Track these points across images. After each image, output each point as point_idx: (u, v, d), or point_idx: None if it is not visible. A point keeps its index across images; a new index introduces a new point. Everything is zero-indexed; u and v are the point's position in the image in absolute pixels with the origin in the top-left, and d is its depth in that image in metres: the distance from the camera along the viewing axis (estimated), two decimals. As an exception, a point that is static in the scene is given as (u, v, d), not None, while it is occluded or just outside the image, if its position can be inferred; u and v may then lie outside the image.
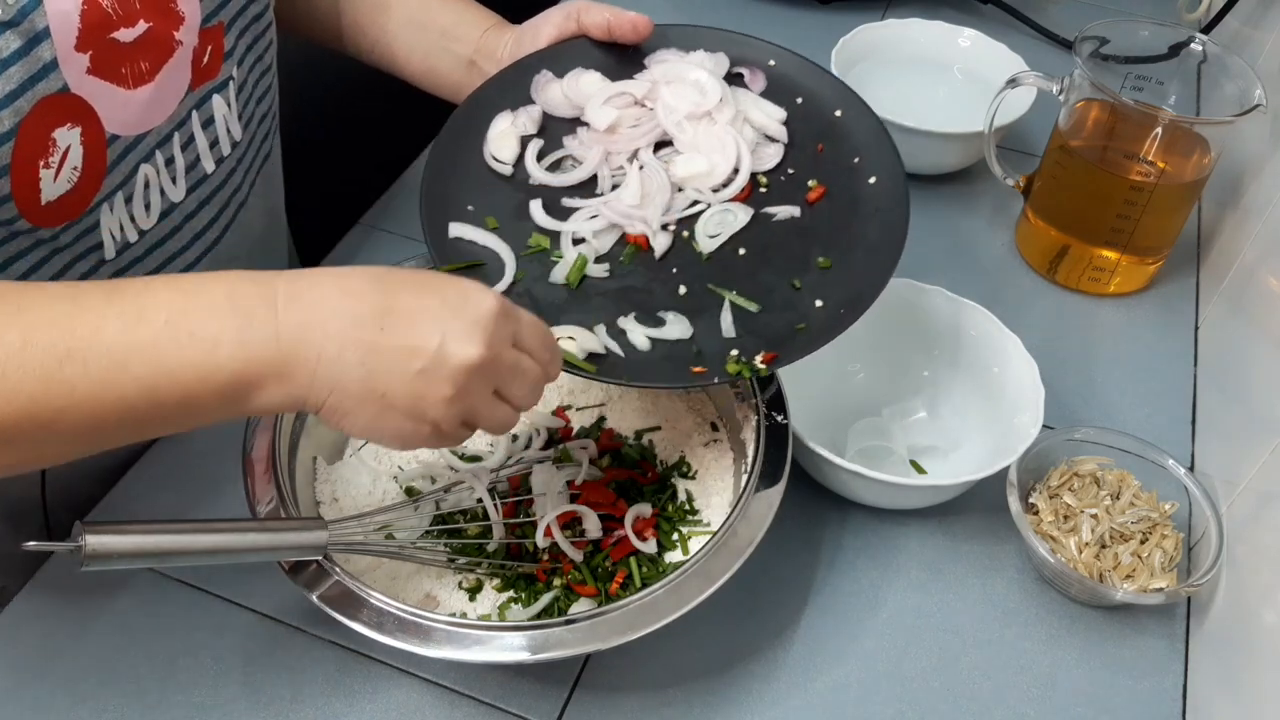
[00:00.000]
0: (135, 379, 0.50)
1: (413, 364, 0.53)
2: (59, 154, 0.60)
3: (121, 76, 0.62)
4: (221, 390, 0.51)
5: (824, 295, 0.70)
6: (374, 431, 0.55)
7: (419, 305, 0.53)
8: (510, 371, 0.56)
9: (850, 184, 0.75)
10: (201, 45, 0.67)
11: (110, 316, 0.50)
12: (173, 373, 0.50)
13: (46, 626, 0.69)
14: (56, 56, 0.57)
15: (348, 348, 0.52)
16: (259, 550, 0.60)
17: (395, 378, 0.53)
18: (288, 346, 0.51)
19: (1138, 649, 0.72)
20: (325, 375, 0.52)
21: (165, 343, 0.50)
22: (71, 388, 0.49)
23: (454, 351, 0.53)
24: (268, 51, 0.77)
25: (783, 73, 0.79)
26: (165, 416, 0.52)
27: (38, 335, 0.49)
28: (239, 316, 0.51)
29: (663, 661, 0.69)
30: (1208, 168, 0.89)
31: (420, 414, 0.54)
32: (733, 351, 0.67)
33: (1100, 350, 0.91)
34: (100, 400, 0.50)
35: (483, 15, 0.85)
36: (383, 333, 0.52)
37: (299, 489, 0.69)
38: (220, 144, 0.73)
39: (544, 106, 0.77)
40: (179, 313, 0.51)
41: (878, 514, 0.77)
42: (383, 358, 0.52)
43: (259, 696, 0.66)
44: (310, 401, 0.53)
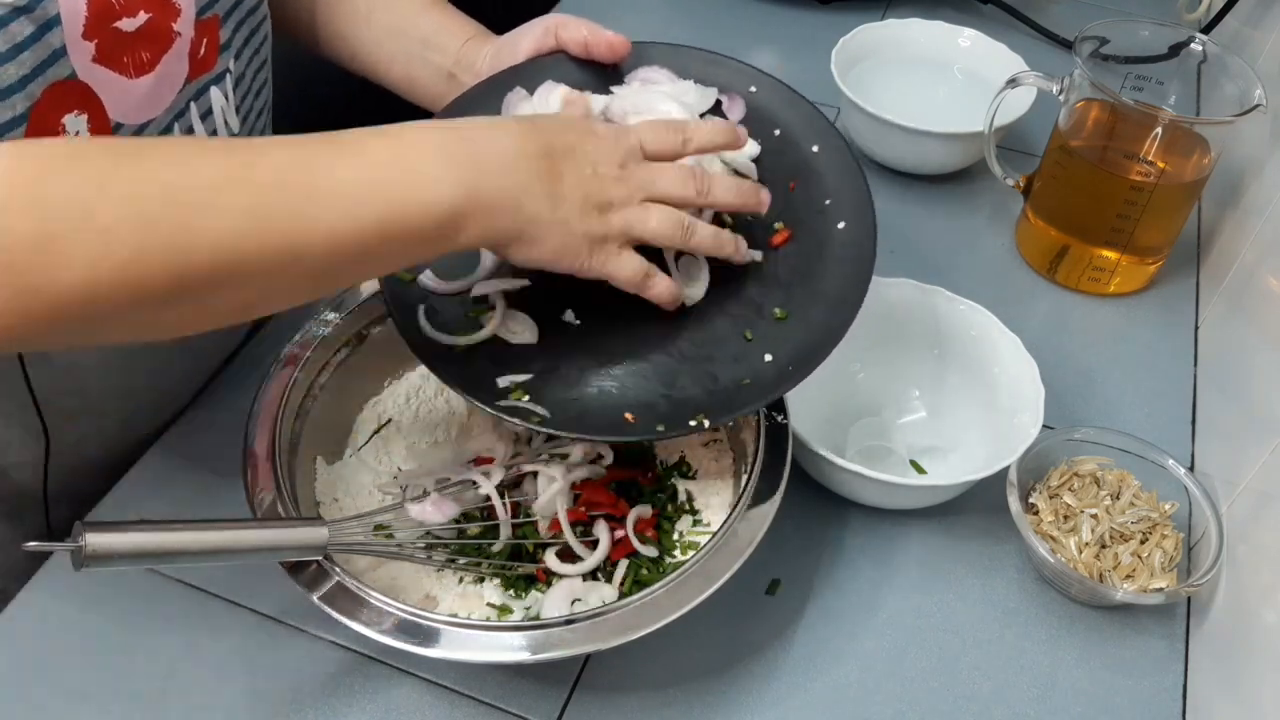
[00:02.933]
0: (375, 213, 0.55)
1: (578, 190, 0.62)
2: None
3: (124, 65, 0.62)
4: (441, 223, 0.57)
5: (775, 349, 0.67)
6: (558, 255, 0.62)
7: (563, 137, 0.63)
8: (648, 176, 0.64)
9: (818, 229, 0.71)
10: (198, 37, 0.68)
11: (341, 158, 0.56)
12: (403, 207, 0.56)
13: (46, 626, 0.69)
14: (65, 43, 0.58)
15: (533, 179, 0.60)
16: (259, 550, 0.60)
17: (570, 203, 0.61)
18: (486, 180, 0.58)
19: (1138, 649, 0.72)
20: (520, 207, 0.60)
21: (394, 180, 0.56)
22: (317, 221, 0.54)
23: (603, 167, 0.63)
24: (264, 45, 0.78)
25: (763, 101, 0.76)
26: (390, 250, 0.57)
27: (287, 176, 0.54)
28: (447, 156, 0.58)
29: (663, 661, 0.69)
30: (1208, 168, 0.89)
31: (593, 233, 0.62)
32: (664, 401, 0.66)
33: (1100, 350, 0.91)
34: (342, 234, 0.54)
35: (464, 26, 0.84)
36: (554, 160, 0.61)
37: (299, 489, 0.69)
38: (218, 136, 0.73)
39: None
40: (399, 155, 0.57)
41: (878, 514, 0.77)
42: (562, 182, 0.61)
43: (259, 696, 0.66)
44: (510, 231, 0.60)
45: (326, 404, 0.74)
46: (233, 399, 0.81)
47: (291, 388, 0.71)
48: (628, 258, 0.64)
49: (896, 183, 1.05)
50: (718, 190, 0.66)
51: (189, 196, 0.51)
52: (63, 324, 0.49)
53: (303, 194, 0.54)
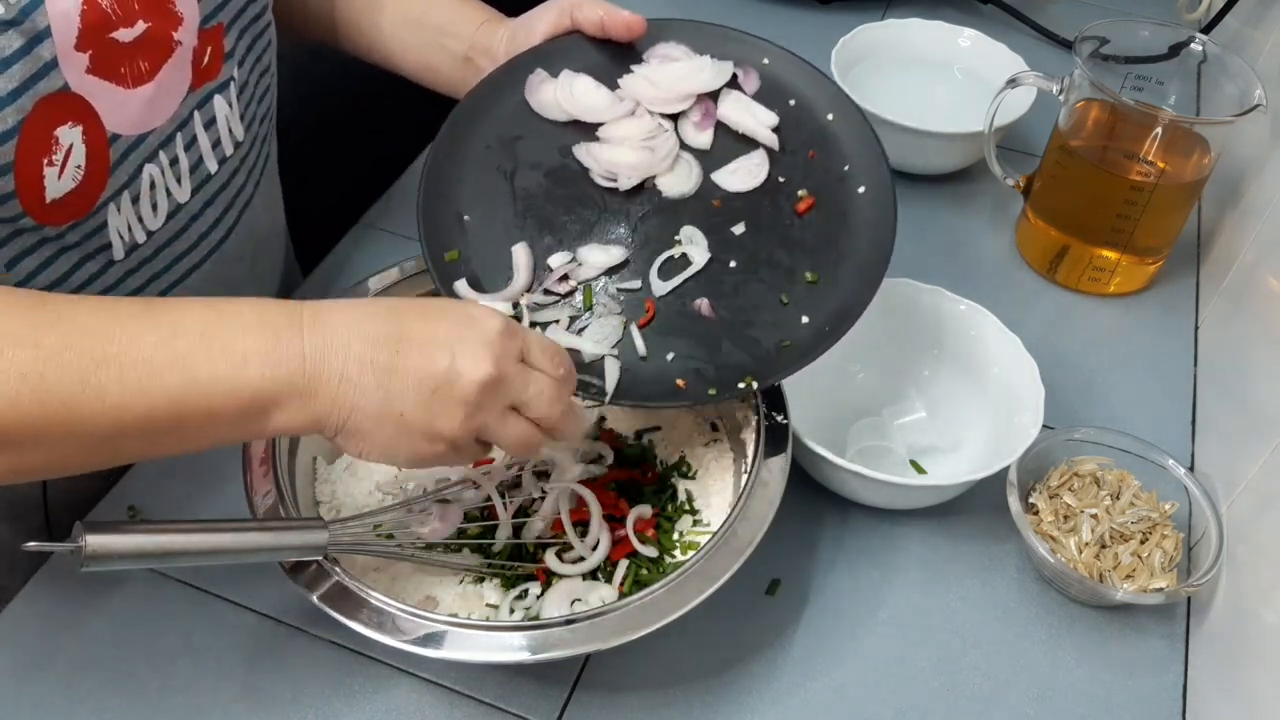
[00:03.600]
0: (165, 389, 0.51)
1: (426, 384, 0.55)
2: (62, 152, 0.60)
3: (121, 76, 0.62)
4: (246, 406, 0.53)
5: (810, 312, 0.71)
6: (391, 452, 0.57)
7: (429, 330, 0.56)
8: (521, 386, 0.58)
9: (839, 194, 0.74)
10: (201, 46, 0.67)
11: (147, 328, 0.52)
12: (203, 385, 0.52)
13: (46, 626, 0.69)
14: (57, 55, 0.58)
15: (366, 370, 0.54)
16: (259, 550, 0.60)
17: (411, 398, 0.55)
18: (311, 366, 0.54)
19: (1138, 649, 0.72)
20: (346, 395, 0.54)
21: (199, 356, 0.52)
22: (104, 393, 0.50)
23: (464, 370, 0.56)
24: (267, 52, 0.78)
25: (776, 72, 0.78)
26: (185, 431, 0.53)
27: (77, 340, 0.51)
28: (268, 336, 0.53)
29: (663, 661, 0.69)
30: (1208, 168, 0.89)
31: (436, 433, 0.56)
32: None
33: (1100, 350, 0.91)
34: (129, 408, 0.51)
35: (478, 10, 0.84)
36: (398, 355, 0.55)
37: (299, 489, 0.69)
38: (223, 144, 0.73)
39: (536, 108, 0.77)
40: (213, 329, 0.53)
41: (878, 514, 0.77)
42: (398, 379, 0.55)
43: (259, 697, 0.66)
44: (330, 422, 0.55)
45: (326, 404, 0.74)
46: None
47: (291, 388, 0.71)
48: (465, 453, 0.59)
49: (896, 183, 1.05)
50: (565, 426, 0.61)
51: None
52: None
53: (91, 361, 0.50)
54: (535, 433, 0.60)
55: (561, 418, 0.60)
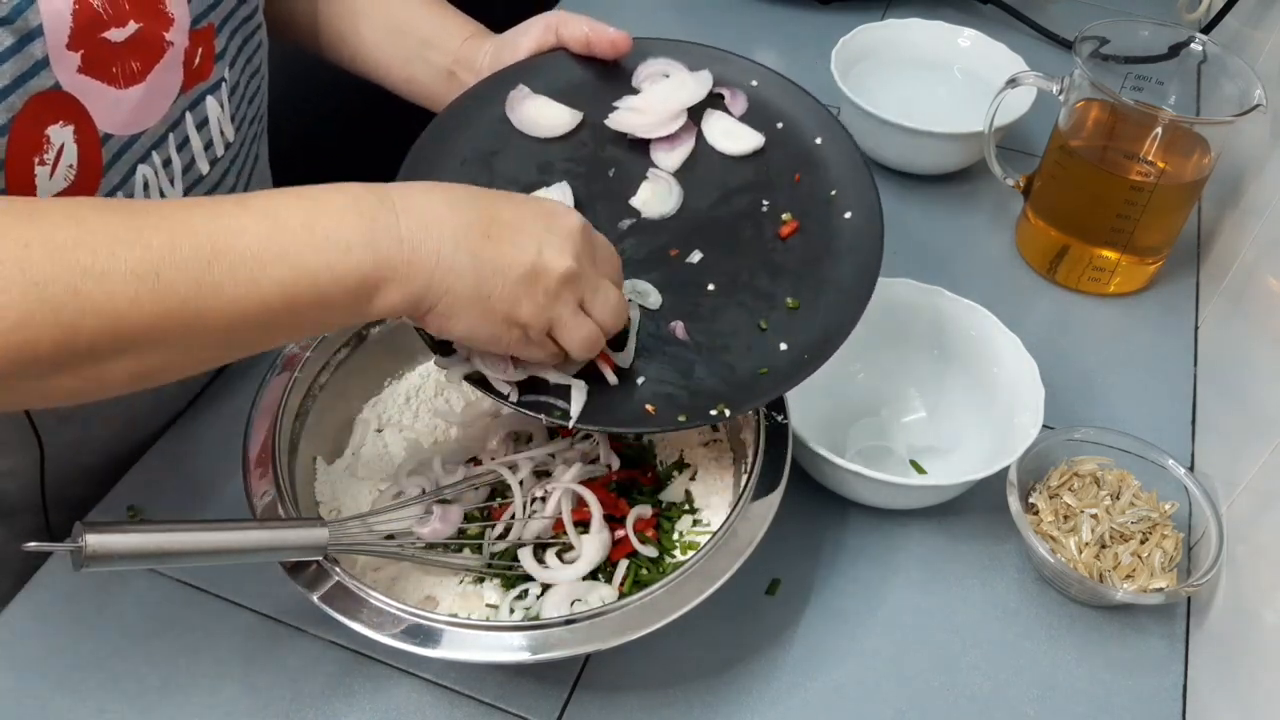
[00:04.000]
0: (276, 280, 0.53)
1: (515, 270, 0.58)
2: (54, 151, 0.60)
3: (112, 76, 0.62)
4: (352, 290, 0.55)
5: (789, 338, 0.68)
6: (473, 331, 0.59)
7: (516, 217, 0.59)
8: (592, 286, 0.61)
9: (825, 219, 0.72)
10: (193, 46, 0.67)
11: (249, 222, 0.53)
12: (311, 273, 0.53)
13: (46, 626, 0.69)
14: (48, 54, 0.58)
15: (461, 251, 0.56)
16: (259, 550, 0.60)
17: (499, 281, 0.57)
18: (409, 249, 0.55)
19: (1138, 649, 0.72)
20: (441, 276, 0.56)
21: (303, 245, 0.53)
22: (219, 287, 0.51)
23: (549, 260, 0.58)
24: (258, 53, 0.77)
25: (764, 95, 0.77)
26: (298, 318, 0.55)
27: (184, 239, 0.51)
28: (365, 220, 0.55)
29: (663, 661, 0.69)
30: (1208, 168, 0.89)
31: (515, 318, 0.59)
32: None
33: (1100, 350, 0.91)
34: (244, 300, 0.52)
35: (462, 24, 0.84)
36: (489, 240, 0.57)
37: (299, 489, 0.69)
38: (214, 145, 0.73)
39: (517, 124, 0.75)
40: (312, 218, 0.54)
41: (878, 514, 0.77)
42: (489, 262, 0.57)
43: (259, 697, 0.66)
44: (425, 301, 0.57)
45: (326, 404, 0.74)
46: (232, 399, 0.81)
47: (291, 388, 0.71)
48: (546, 349, 0.62)
49: (896, 183, 1.05)
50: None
51: (79, 258, 0.48)
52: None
53: (203, 258, 0.51)
54: (598, 333, 0.62)
55: (615, 325, 0.63)
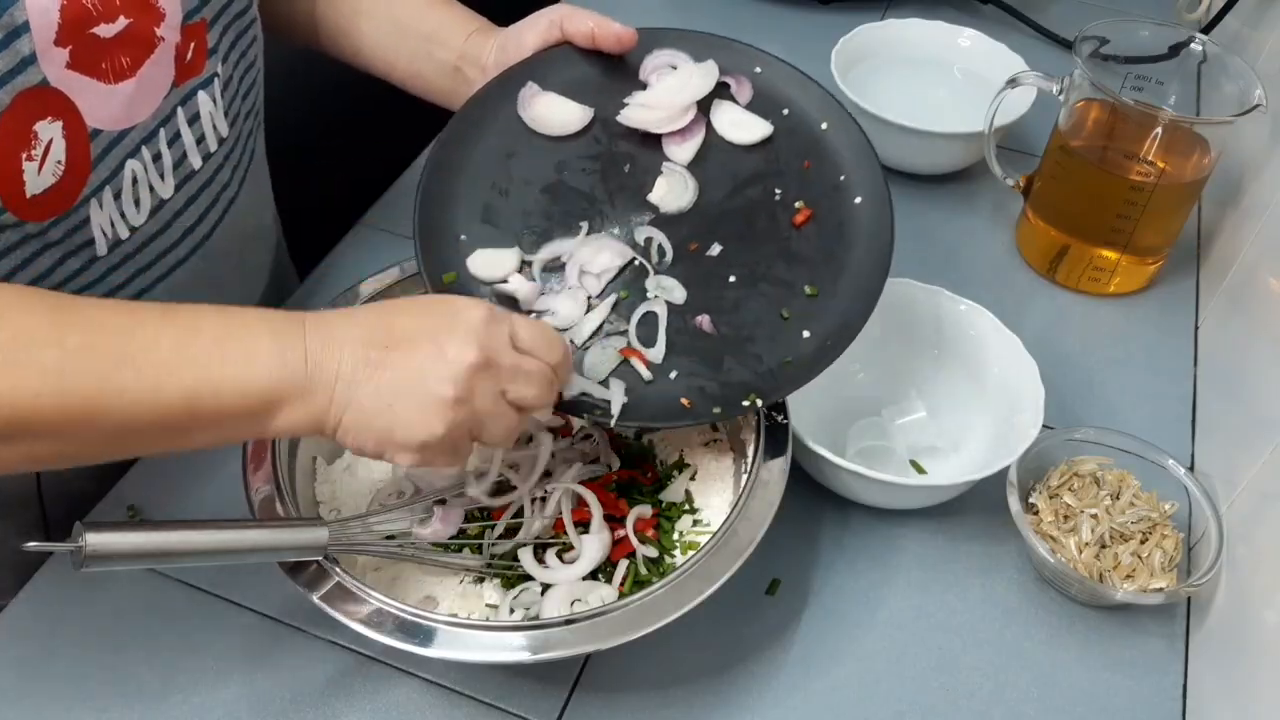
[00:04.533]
0: (181, 387, 0.54)
1: (414, 374, 0.58)
2: (41, 147, 0.60)
3: (102, 71, 0.62)
4: (253, 405, 0.56)
5: (811, 326, 0.70)
6: (386, 444, 0.58)
7: (416, 324, 0.59)
8: (511, 371, 0.60)
9: (836, 205, 0.74)
10: (184, 42, 0.67)
11: (165, 329, 0.55)
12: (215, 384, 0.55)
13: (46, 626, 0.69)
14: (35, 50, 0.58)
15: (360, 366, 0.57)
16: (259, 550, 0.60)
17: (402, 388, 0.57)
18: (312, 367, 0.57)
19: (1138, 649, 0.72)
20: (342, 392, 0.57)
21: (212, 356, 0.55)
22: (122, 390, 0.53)
23: (451, 356, 0.58)
24: (252, 48, 0.77)
25: (769, 81, 0.77)
26: (196, 428, 0.56)
27: (99, 340, 0.54)
28: (275, 340, 0.56)
29: (663, 661, 0.69)
30: (1208, 168, 0.89)
31: (428, 422, 0.58)
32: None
33: (1100, 350, 0.91)
34: (145, 404, 0.54)
35: (467, 19, 0.83)
36: (388, 350, 0.58)
37: (299, 488, 0.69)
38: (207, 140, 0.73)
39: (530, 123, 0.76)
40: (225, 332, 0.56)
41: (878, 514, 0.77)
42: (389, 371, 0.57)
43: (259, 697, 0.66)
44: (329, 419, 0.57)
45: (326, 404, 0.74)
46: (233, 399, 0.81)
47: (291, 388, 0.71)
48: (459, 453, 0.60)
49: (896, 183, 1.04)
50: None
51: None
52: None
53: (112, 360, 0.53)
54: (518, 421, 0.61)
55: (540, 401, 0.62)
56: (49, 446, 0.54)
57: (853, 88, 1.01)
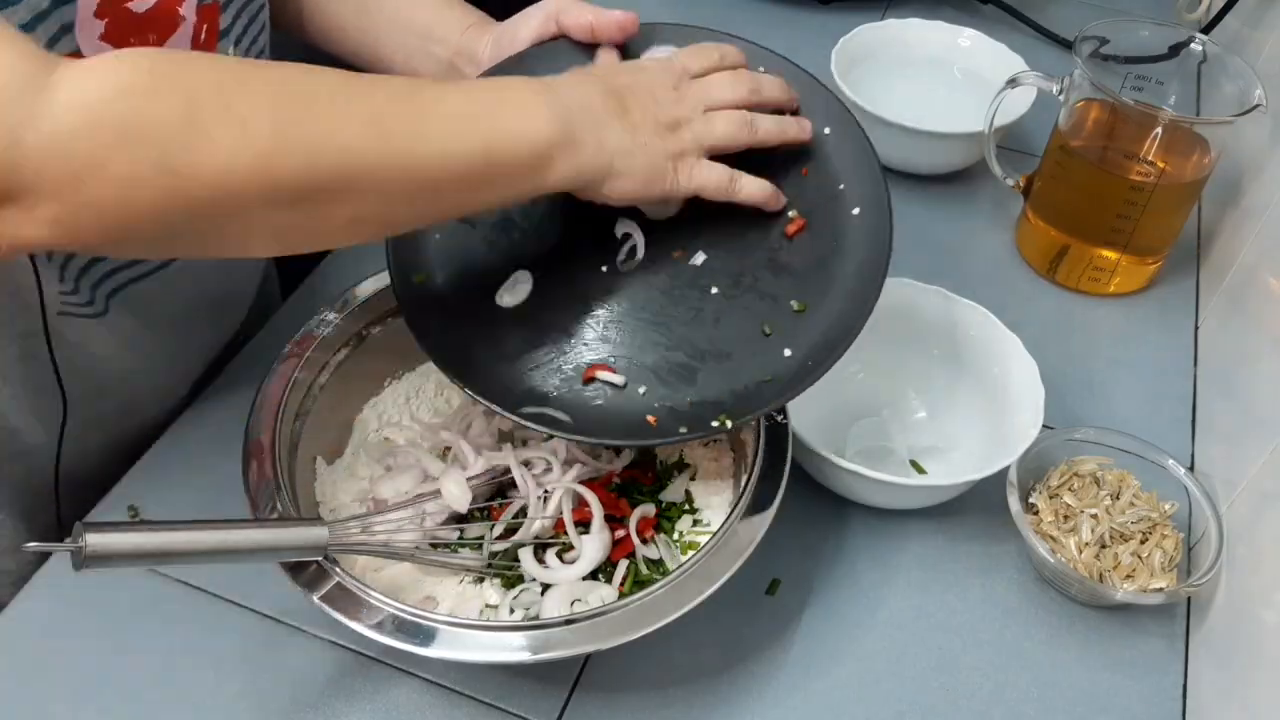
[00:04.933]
0: (479, 136, 0.58)
1: (649, 116, 0.65)
2: None
3: (130, 47, 0.62)
4: (540, 154, 0.60)
5: (794, 344, 0.67)
6: (649, 174, 0.64)
7: (629, 80, 0.66)
8: (701, 85, 0.68)
9: (832, 215, 0.70)
10: (199, 22, 0.68)
11: (447, 92, 0.60)
12: (508, 134, 0.59)
13: (46, 626, 0.69)
14: (76, 20, 0.58)
15: (610, 117, 0.63)
16: (259, 549, 0.60)
17: (644, 129, 0.64)
18: (575, 120, 0.62)
19: (1138, 649, 0.72)
20: (603, 142, 0.62)
21: (497, 111, 0.60)
22: (431, 139, 0.57)
23: (660, 95, 0.66)
24: (261, 35, 0.77)
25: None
26: (492, 178, 0.60)
27: (401, 94, 0.58)
28: (544, 97, 0.61)
29: (663, 661, 0.69)
30: (1208, 168, 0.89)
31: (672, 123, 0.65)
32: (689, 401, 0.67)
33: (1100, 350, 0.91)
34: (451, 154, 0.57)
35: (464, 14, 0.82)
36: (622, 100, 0.65)
37: (299, 488, 0.69)
38: None
39: None
40: (500, 92, 0.61)
41: (878, 514, 0.77)
42: (629, 115, 0.64)
43: (259, 696, 0.66)
44: (593, 167, 0.62)
45: (326, 404, 0.74)
46: (233, 398, 0.81)
47: (291, 387, 0.71)
48: (709, 167, 0.66)
49: (896, 183, 1.05)
50: (766, 90, 0.69)
51: (319, 100, 0.53)
52: (200, 212, 0.51)
53: (418, 113, 0.57)
54: (740, 113, 0.67)
55: (763, 85, 0.69)
56: (373, 202, 0.56)
57: (853, 88, 1.01)
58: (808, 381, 0.65)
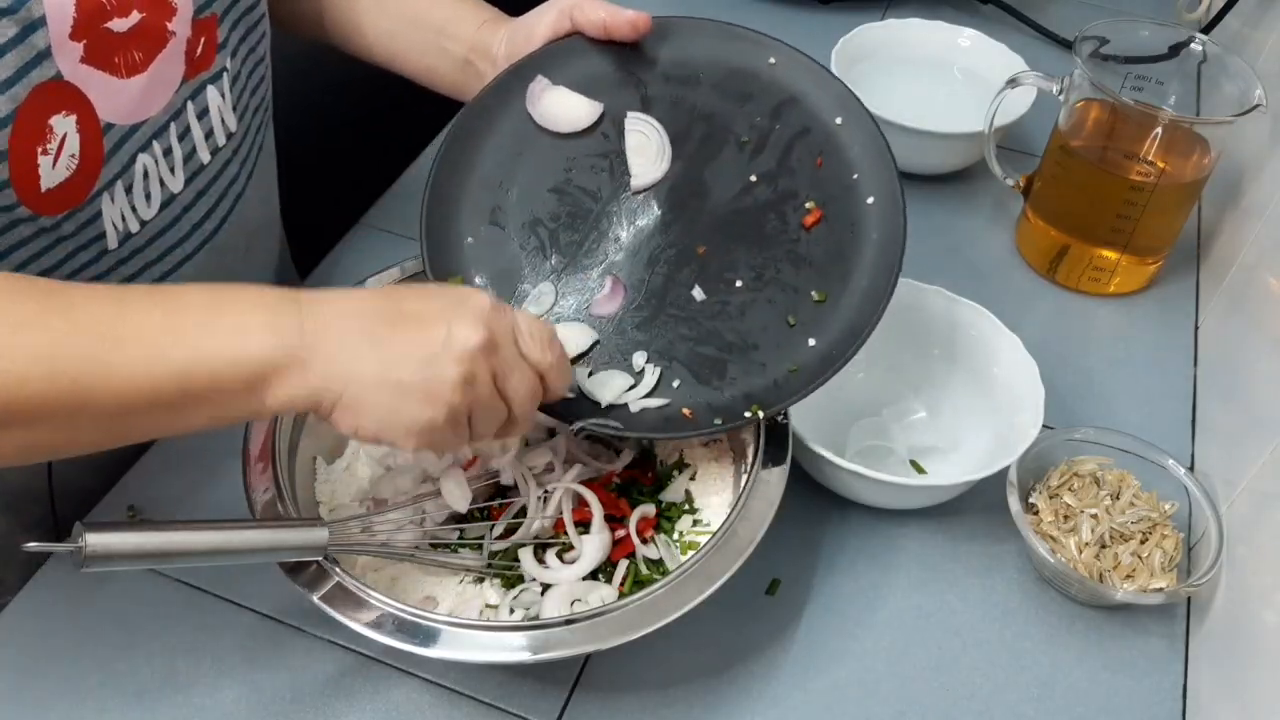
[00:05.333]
0: (171, 364, 0.53)
1: (423, 349, 0.56)
2: (56, 141, 0.60)
3: (115, 66, 0.62)
4: (247, 378, 0.54)
5: (817, 334, 0.70)
6: (387, 425, 0.57)
7: (423, 306, 0.58)
8: (511, 363, 0.59)
9: (847, 205, 0.72)
10: (195, 36, 0.68)
11: (154, 308, 0.54)
12: (206, 358, 0.54)
13: (46, 626, 0.69)
14: (51, 45, 0.58)
15: (363, 341, 0.56)
16: (259, 550, 0.60)
17: (407, 365, 0.56)
18: (310, 338, 0.55)
19: (1138, 649, 0.72)
20: (344, 364, 0.56)
21: (203, 331, 0.54)
22: (112, 370, 0.52)
23: (459, 336, 0.57)
24: (261, 43, 0.77)
25: (782, 74, 0.76)
26: (191, 406, 0.55)
27: (87, 323, 0.53)
28: (268, 312, 0.55)
29: (663, 661, 0.69)
30: (1208, 168, 0.89)
31: (434, 397, 0.57)
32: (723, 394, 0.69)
33: (1100, 350, 0.91)
34: (136, 384, 0.53)
35: (477, 10, 0.83)
36: (394, 328, 0.57)
37: (299, 488, 0.69)
38: (216, 135, 0.73)
39: (539, 120, 0.75)
40: (215, 306, 0.55)
41: (878, 514, 0.77)
42: (395, 347, 0.56)
43: (259, 696, 0.66)
44: (328, 394, 0.56)
45: (326, 404, 0.74)
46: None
47: (291, 388, 0.71)
48: (494, 412, 0.59)
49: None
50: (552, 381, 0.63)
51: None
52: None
53: (102, 340, 0.52)
54: (509, 421, 0.61)
55: (525, 407, 0.61)
56: (43, 433, 0.53)
57: (853, 87, 1.00)
58: (831, 371, 0.67)
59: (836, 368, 0.67)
